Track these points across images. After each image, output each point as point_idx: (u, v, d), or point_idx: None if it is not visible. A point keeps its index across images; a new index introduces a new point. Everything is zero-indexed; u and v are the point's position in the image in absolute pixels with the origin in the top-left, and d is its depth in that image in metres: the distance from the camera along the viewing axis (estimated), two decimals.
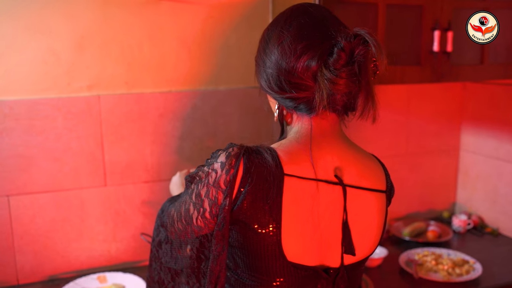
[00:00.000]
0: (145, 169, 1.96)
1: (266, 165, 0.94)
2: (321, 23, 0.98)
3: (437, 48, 1.85)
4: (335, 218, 0.99)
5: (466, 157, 2.46)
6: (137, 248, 2.00)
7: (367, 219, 1.03)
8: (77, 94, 1.84)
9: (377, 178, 1.06)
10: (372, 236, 1.04)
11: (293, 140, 1.01)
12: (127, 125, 1.91)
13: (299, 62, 0.95)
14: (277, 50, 0.99)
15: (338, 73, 0.92)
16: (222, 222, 0.95)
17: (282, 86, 0.99)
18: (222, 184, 0.95)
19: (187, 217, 1.03)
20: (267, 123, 2.09)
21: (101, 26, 1.83)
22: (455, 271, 1.90)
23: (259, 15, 2.02)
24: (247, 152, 0.95)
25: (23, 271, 1.87)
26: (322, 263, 1.00)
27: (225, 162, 0.95)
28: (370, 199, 1.03)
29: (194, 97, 1.98)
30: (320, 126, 1.01)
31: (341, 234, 1.00)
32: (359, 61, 0.92)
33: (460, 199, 2.51)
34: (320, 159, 0.98)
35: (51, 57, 1.79)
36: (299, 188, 0.95)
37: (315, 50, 0.94)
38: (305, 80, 0.96)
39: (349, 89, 0.94)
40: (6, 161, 1.79)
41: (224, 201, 0.94)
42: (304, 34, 0.97)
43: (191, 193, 1.02)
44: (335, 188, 0.99)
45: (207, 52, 1.97)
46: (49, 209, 1.87)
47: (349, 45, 0.92)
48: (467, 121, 2.44)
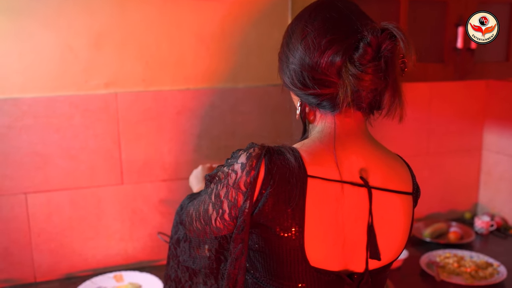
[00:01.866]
0: (162, 167, 1.94)
1: (289, 166, 0.90)
2: (346, 17, 0.94)
3: (461, 45, 1.81)
4: (360, 221, 0.95)
5: (488, 156, 2.40)
6: (154, 247, 1.98)
7: (393, 222, 0.99)
8: (95, 92, 1.83)
9: (403, 179, 1.02)
10: (397, 240, 1.00)
11: (316, 140, 0.97)
12: (144, 123, 1.89)
13: (323, 57, 0.92)
14: (300, 45, 0.95)
15: (364, 69, 0.88)
16: (242, 225, 0.91)
17: (305, 82, 0.95)
18: (242, 186, 0.92)
19: (205, 217, 1.01)
20: (286, 122, 2.06)
21: (119, 23, 1.81)
22: (478, 274, 1.85)
23: (279, 12, 1.98)
24: (269, 153, 0.92)
25: (40, 269, 1.87)
26: (346, 268, 0.97)
27: (246, 163, 0.92)
28: (396, 201, 0.99)
29: (212, 95, 1.96)
30: (344, 124, 0.97)
31: (366, 237, 0.96)
32: (386, 56, 0.88)
33: (482, 199, 2.45)
34: (345, 159, 0.95)
35: (69, 54, 1.78)
36: (323, 190, 0.92)
37: (340, 44, 0.91)
38: (329, 76, 0.92)
39: (375, 86, 0.90)
40: (24, 159, 1.78)
41: (244, 204, 0.91)
42: (329, 28, 0.93)
43: (211, 193, 0.99)
44: (360, 190, 0.95)
45: (226, 50, 1.94)
46: (66, 207, 1.86)
47: (375, 40, 0.88)
48: (490, 120, 2.38)
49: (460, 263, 1.93)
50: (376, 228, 0.96)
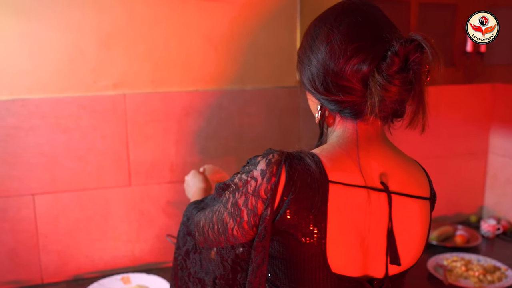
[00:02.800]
0: (170, 169, 1.93)
1: (310, 171, 0.89)
2: (373, 23, 0.92)
3: (470, 49, 1.80)
4: (380, 227, 0.95)
5: (494, 160, 2.40)
6: (161, 249, 1.98)
7: (412, 228, 0.99)
8: (103, 93, 1.82)
9: (421, 185, 1.02)
10: (416, 245, 1.00)
11: (335, 145, 0.96)
12: (152, 124, 1.89)
13: (349, 64, 0.90)
14: (325, 49, 0.93)
15: (390, 79, 0.87)
16: (263, 232, 0.90)
17: (328, 87, 0.94)
18: (263, 193, 0.90)
19: (221, 227, 0.99)
20: (293, 124, 2.06)
21: (128, 24, 1.80)
22: (486, 278, 1.85)
23: (287, 14, 1.98)
24: (289, 159, 0.91)
25: (48, 270, 1.86)
26: (366, 274, 0.96)
27: (266, 170, 0.90)
28: (414, 206, 0.99)
29: (220, 96, 1.95)
30: (364, 130, 0.96)
31: (385, 243, 0.95)
32: (414, 68, 0.87)
33: (488, 203, 2.45)
34: (365, 165, 0.94)
35: (78, 55, 1.77)
36: (344, 196, 0.91)
37: (367, 52, 0.89)
38: (353, 83, 0.91)
39: (401, 97, 0.90)
40: (32, 160, 1.77)
41: (265, 211, 0.90)
42: (356, 34, 0.91)
43: (226, 202, 0.98)
44: (380, 195, 0.94)
45: (234, 51, 1.94)
46: (73, 209, 1.85)
47: (403, 50, 0.86)
48: (496, 123, 2.38)
49: (468, 266, 1.93)
50: (395, 233, 0.95)
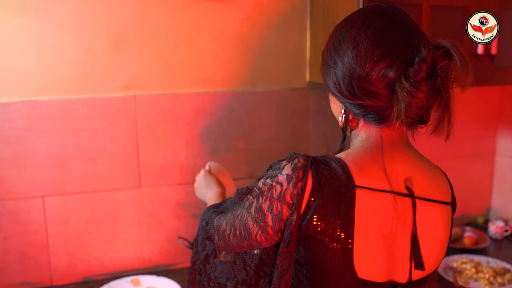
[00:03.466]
0: (180, 170, 1.93)
1: (337, 176, 0.89)
2: (401, 28, 0.92)
3: (481, 51, 1.80)
4: (404, 231, 0.94)
5: (502, 161, 2.40)
6: (170, 251, 1.97)
7: (434, 232, 0.99)
8: (113, 94, 1.81)
9: (444, 189, 1.02)
10: (439, 250, 1.00)
11: (360, 150, 0.96)
12: (162, 126, 1.88)
13: (375, 68, 0.89)
14: (351, 53, 0.92)
15: (418, 86, 0.86)
16: (289, 238, 0.90)
17: (354, 91, 0.93)
18: (289, 198, 0.90)
19: (244, 232, 0.98)
20: (303, 126, 2.06)
21: (138, 26, 1.80)
22: (496, 280, 1.85)
23: (297, 16, 1.98)
24: (315, 163, 0.90)
25: (57, 272, 1.85)
26: (390, 279, 0.96)
27: (292, 175, 0.90)
28: (437, 211, 0.99)
29: (230, 98, 1.95)
30: (388, 135, 0.96)
31: (409, 247, 0.95)
32: (441, 75, 0.86)
33: (495, 204, 2.45)
34: (391, 170, 0.94)
35: (88, 56, 1.76)
36: (370, 201, 0.90)
37: (394, 58, 0.88)
38: (379, 88, 0.90)
39: (427, 104, 0.89)
40: (42, 162, 1.77)
41: (291, 216, 0.89)
42: (384, 39, 0.90)
43: (249, 206, 0.97)
44: (405, 200, 0.94)
45: (245, 53, 1.93)
46: (83, 211, 1.85)
47: (431, 57, 0.86)
48: (504, 125, 2.38)
49: (478, 268, 1.93)
50: (419, 238, 0.95)
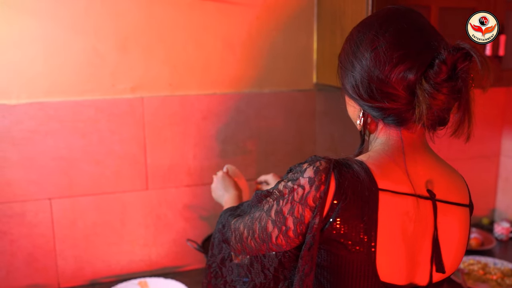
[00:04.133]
0: (187, 172, 1.92)
1: (360, 179, 0.89)
2: (419, 31, 0.92)
3: (489, 52, 1.81)
4: (425, 234, 0.94)
5: (507, 163, 2.41)
6: (178, 253, 1.96)
7: (454, 235, 0.99)
8: (121, 96, 1.81)
9: (462, 192, 1.02)
10: (458, 252, 1.00)
11: (381, 153, 0.96)
12: (170, 127, 1.87)
13: (395, 71, 0.89)
14: (369, 55, 0.92)
15: (438, 88, 0.86)
16: (311, 241, 0.89)
17: (373, 94, 0.93)
18: (311, 202, 0.89)
19: (263, 235, 0.97)
20: (310, 127, 2.05)
21: (146, 27, 1.79)
22: (504, 282, 1.85)
23: (305, 17, 1.97)
24: (337, 166, 0.90)
25: (64, 274, 1.84)
26: (411, 282, 0.95)
27: (314, 178, 0.89)
28: (456, 214, 0.99)
29: (238, 99, 1.94)
30: (408, 138, 0.96)
31: (430, 250, 0.95)
32: (462, 77, 0.87)
33: (500, 205, 2.45)
34: (413, 173, 0.94)
35: (96, 58, 1.75)
36: (393, 204, 0.90)
37: (413, 60, 0.89)
38: (398, 91, 0.90)
39: (448, 106, 0.89)
40: (50, 164, 1.76)
41: (313, 220, 0.89)
42: (402, 41, 0.90)
43: (269, 209, 0.96)
44: (426, 203, 0.94)
45: (253, 54, 1.93)
46: (91, 213, 1.84)
47: (451, 58, 0.86)
48: (509, 127, 2.38)
49: (485, 270, 1.93)
50: (439, 241, 0.95)
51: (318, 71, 2.02)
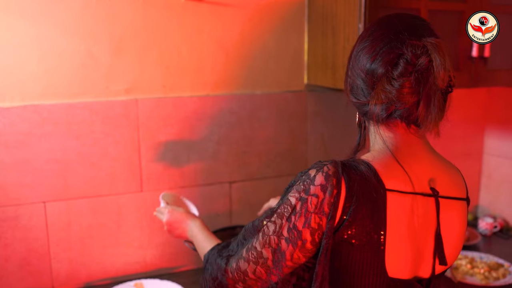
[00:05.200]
0: (181, 174, 1.93)
1: (368, 181, 0.92)
2: (395, 34, 0.97)
3: (475, 54, 1.87)
4: (429, 229, 0.99)
5: (490, 160, 2.48)
6: (172, 254, 1.97)
7: (454, 228, 1.03)
8: (115, 98, 1.80)
9: (460, 186, 1.07)
10: (458, 244, 1.05)
11: (385, 153, 1.00)
12: (164, 129, 1.88)
13: (369, 71, 0.98)
14: (355, 60, 1.03)
15: (401, 83, 0.93)
16: (326, 246, 0.92)
17: (357, 92, 1.02)
18: (327, 208, 0.92)
19: (277, 257, 0.96)
20: (301, 128, 2.09)
21: (140, 29, 1.79)
22: (491, 275, 1.91)
23: (296, 19, 2.00)
24: (345, 169, 0.93)
25: (59, 278, 1.83)
26: (416, 275, 1.00)
27: (326, 184, 0.92)
28: (457, 208, 1.04)
29: (231, 101, 1.96)
30: (406, 137, 1.00)
31: (433, 244, 1.00)
32: (419, 71, 0.93)
33: (483, 202, 2.53)
34: (415, 171, 0.98)
35: (90, 60, 1.75)
36: (399, 203, 0.94)
37: (382, 60, 0.96)
38: (370, 88, 0.99)
39: (412, 100, 0.94)
40: (44, 167, 1.74)
41: (328, 225, 0.92)
42: (375, 45, 0.99)
43: (278, 230, 0.96)
44: (429, 200, 0.99)
45: (245, 56, 1.95)
46: (86, 215, 1.83)
47: (414, 56, 0.93)
48: (491, 125, 2.46)
49: (473, 264, 2.00)
50: (442, 235, 1.00)
51: (309, 72, 2.06)
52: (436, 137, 0.99)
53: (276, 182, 2.09)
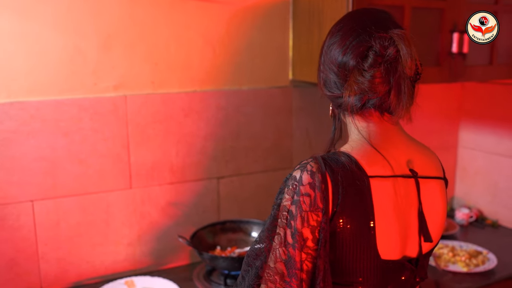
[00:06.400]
0: (170, 170, 1.93)
1: (350, 171, 0.97)
2: (363, 27, 1.02)
3: (455, 50, 1.94)
4: (412, 209, 1.04)
5: (464, 153, 2.58)
6: (160, 251, 1.97)
7: (436, 205, 1.09)
8: (104, 95, 1.79)
9: (438, 166, 1.14)
10: (440, 221, 1.11)
11: (363, 142, 1.04)
12: (153, 125, 1.87)
13: (341, 64, 1.03)
14: (326, 54, 1.07)
15: (372, 74, 0.98)
16: (324, 239, 0.95)
17: (330, 85, 1.07)
18: (320, 203, 0.95)
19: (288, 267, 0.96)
20: (287, 123, 2.12)
21: (128, 25, 1.78)
22: (472, 262, 1.99)
23: (281, 16, 2.03)
24: (327, 163, 0.98)
25: (47, 278, 1.80)
26: (404, 255, 1.05)
27: (313, 181, 0.96)
28: (436, 186, 1.09)
29: (218, 97, 1.97)
30: (381, 124, 1.05)
31: (417, 223, 1.05)
32: (388, 61, 0.98)
33: (458, 193, 2.62)
34: (393, 155, 1.03)
35: (78, 56, 1.73)
36: (383, 187, 0.99)
37: (352, 53, 1.01)
38: (343, 80, 1.03)
39: (382, 89, 0.99)
40: (32, 165, 1.71)
41: (323, 218, 0.95)
42: (345, 39, 1.04)
43: (284, 239, 0.96)
44: (409, 181, 1.04)
45: (232, 52, 1.96)
46: (74, 214, 1.80)
47: (382, 48, 0.98)
48: (465, 119, 2.56)
49: (454, 252, 2.07)
50: (424, 213, 1.05)
51: (294, 68, 2.09)
52: (408, 123, 1.05)
53: (262, 177, 2.11)
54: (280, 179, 2.13)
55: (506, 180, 2.38)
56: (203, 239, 1.90)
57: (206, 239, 1.91)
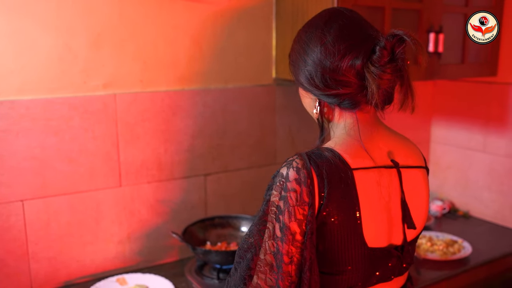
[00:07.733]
0: (159, 168, 1.95)
1: (334, 164, 1.02)
2: (358, 25, 1.08)
3: (432, 49, 2.04)
4: (396, 199, 1.10)
5: (436, 148, 2.70)
6: (150, 248, 1.98)
7: (419, 194, 1.15)
8: (93, 93, 1.79)
9: (418, 156, 1.20)
10: (424, 209, 1.17)
11: (346, 137, 1.10)
12: (142, 124, 1.89)
13: (344, 61, 1.05)
14: (319, 50, 1.08)
15: (383, 69, 1.02)
16: (311, 230, 1.00)
17: (327, 83, 1.08)
18: (306, 198, 1.00)
19: (277, 262, 1.01)
20: (271, 120, 2.17)
21: (118, 24, 1.79)
22: (449, 250, 2.10)
23: (264, 15, 2.08)
24: (312, 159, 1.02)
25: (38, 278, 1.79)
26: (390, 243, 1.11)
27: (299, 177, 1.00)
28: (418, 175, 1.16)
29: (205, 95, 2.00)
30: (364, 118, 1.11)
31: (401, 212, 1.11)
32: (400, 58, 1.03)
33: (432, 186, 2.73)
34: (374, 147, 1.09)
35: (68, 54, 1.73)
36: (366, 179, 1.05)
37: (358, 49, 1.05)
38: (349, 77, 1.05)
39: (393, 84, 1.06)
40: (22, 164, 1.70)
41: (309, 211, 1.00)
42: (346, 35, 1.07)
43: (272, 234, 1.00)
44: (392, 171, 1.10)
45: (218, 51, 2.00)
46: (65, 213, 1.80)
47: (389, 44, 1.02)
48: (437, 115, 2.67)
49: (432, 242, 2.17)
50: (407, 202, 1.11)
51: (277, 67, 2.14)
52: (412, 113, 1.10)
53: (248, 173, 2.16)
54: (264, 175, 2.19)
55: (476, 173, 2.51)
56: (193, 234, 1.92)
57: (197, 234, 1.94)
